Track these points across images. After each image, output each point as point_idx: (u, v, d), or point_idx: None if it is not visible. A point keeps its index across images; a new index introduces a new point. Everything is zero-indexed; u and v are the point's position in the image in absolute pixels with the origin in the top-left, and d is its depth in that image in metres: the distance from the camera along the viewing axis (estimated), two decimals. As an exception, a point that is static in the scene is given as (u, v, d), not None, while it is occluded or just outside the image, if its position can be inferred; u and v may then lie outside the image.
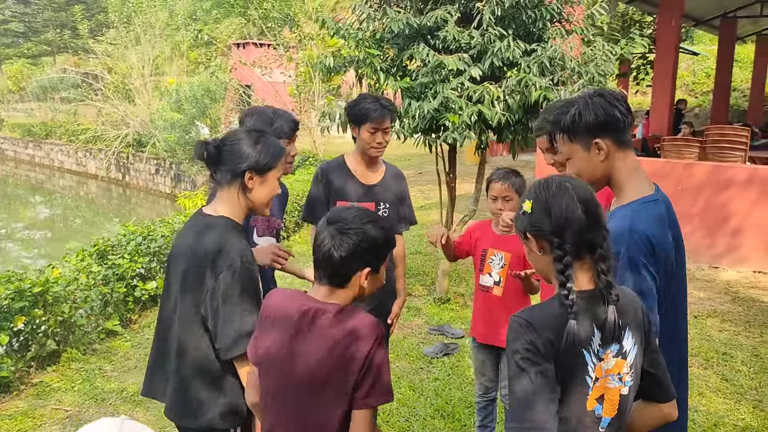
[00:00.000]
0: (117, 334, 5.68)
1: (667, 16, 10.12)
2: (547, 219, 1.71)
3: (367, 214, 1.94)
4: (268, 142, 2.30)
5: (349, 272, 1.88)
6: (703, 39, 24.20)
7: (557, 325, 1.65)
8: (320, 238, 1.89)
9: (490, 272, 3.44)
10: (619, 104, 2.07)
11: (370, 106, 3.25)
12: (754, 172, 7.30)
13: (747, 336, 5.59)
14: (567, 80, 5.18)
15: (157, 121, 18.69)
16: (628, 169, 2.14)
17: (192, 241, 2.26)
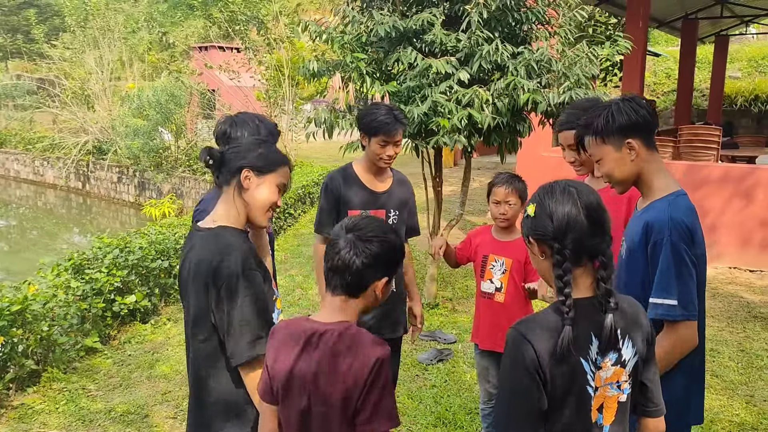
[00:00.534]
0: (97, 351, 5.48)
1: (635, 18, 10.24)
2: (549, 223, 1.70)
3: (385, 224, 1.92)
4: (271, 147, 2.27)
5: (367, 281, 1.84)
6: (659, 40, 24.69)
7: (553, 335, 1.65)
8: (338, 245, 1.83)
9: (491, 278, 3.42)
10: (647, 107, 2.18)
11: (384, 119, 3.17)
12: (728, 171, 7.44)
13: (731, 332, 5.67)
14: (554, 83, 5.18)
15: (118, 127, 18.25)
16: (656, 168, 2.24)
17: (194, 262, 2.15)
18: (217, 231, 2.16)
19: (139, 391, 4.78)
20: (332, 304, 1.87)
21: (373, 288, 1.86)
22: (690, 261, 2.09)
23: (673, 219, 2.10)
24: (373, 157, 3.25)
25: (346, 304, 1.86)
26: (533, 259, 1.82)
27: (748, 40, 22.64)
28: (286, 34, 13.98)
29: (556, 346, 1.64)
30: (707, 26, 15.36)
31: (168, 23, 31.22)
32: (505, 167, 8.74)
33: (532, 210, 1.74)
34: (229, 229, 2.16)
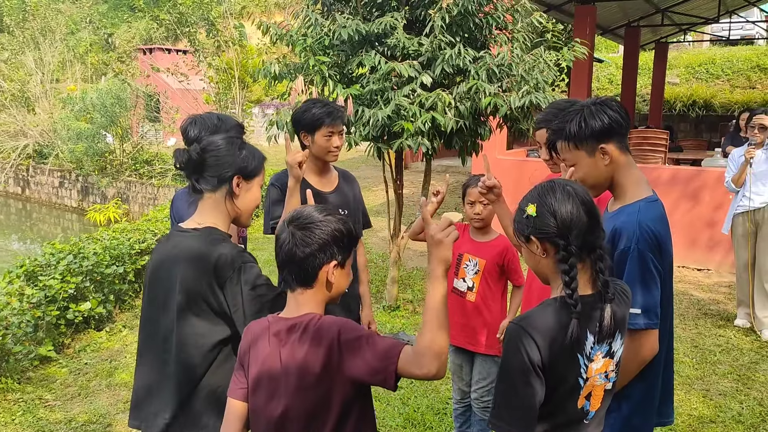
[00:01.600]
0: (51, 360, 5.31)
1: (582, 25, 10.53)
2: (553, 221, 1.74)
3: (325, 209, 1.90)
4: (251, 149, 2.26)
5: (314, 267, 1.82)
6: (600, 47, 25.40)
7: (555, 330, 1.70)
8: (281, 239, 1.85)
9: (464, 277, 3.48)
10: (620, 111, 2.14)
11: (323, 111, 3.16)
12: (676, 173, 7.71)
13: (684, 328, 5.87)
14: (514, 86, 5.28)
15: (60, 130, 17.70)
16: (631, 172, 2.21)
17: (185, 257, 2.13)
18: (209, 230, 2.17)
19: (100, 400, 4.65)
20: (293, 299, 1.87)
21: (324, 274, 1.83)
22: (655, 269, 2.08)
23: (641, 227, 2.08)
24: (321, 151, 3.21)
25: (304, 296, 1.86)
26: (530, 258, 1.85)
27: (685, 48, 23.50)
28: (236, 37, 13.81)
29: (556, 341, 1.69)
30: (648, 33, 15.89)
31: (109, 24, 30.46)
32: (464, 170, 8.85)
33: (533, 209, 1.77)
34: (220, 233, 2.19)
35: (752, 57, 20.57)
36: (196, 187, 2.21)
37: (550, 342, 1.69)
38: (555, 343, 1.69)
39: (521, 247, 1.89)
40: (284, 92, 5.57)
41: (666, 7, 13.24)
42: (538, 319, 1.73)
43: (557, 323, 1.71)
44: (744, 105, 17.56)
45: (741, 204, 5.68)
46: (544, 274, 1.84)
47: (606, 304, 1.76)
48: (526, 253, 1.85)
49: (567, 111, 2.23)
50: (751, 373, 4.93)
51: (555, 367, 1.70)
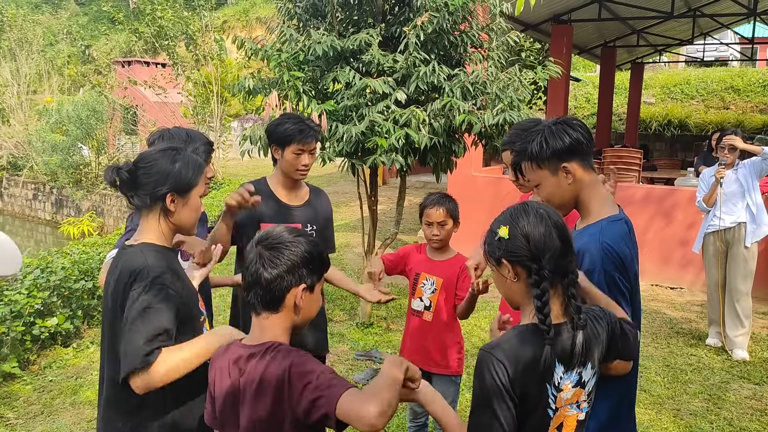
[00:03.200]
0: (15, 377, 5.18)
1: (559, 45, 10.68)
2: (526, 245, 1.71)
3: (296, 230, 1.84)
4: (186, 159, 2.16)
5: (282, 290, 1.75)
6: (577, 66, 25.73)
7: (525, 357, 1.67)
8: (249, 259, 1.78)
9: (421, 297, 3.46)
10: (581, 129, 2.13)
11: (295, 127, 3.12)
12: (650, 191, 7.78)
13: (656, 347, 5.89)
14: (488, 104, 5.29)
15: (35, 142, 17.49)
16: (594, 191, 2.19)
17: (114, 277, 2.11)
18: (140, 247, 2.12)
19: (63, 418, 4.54)
20: (257, 324, 1.81)
21: (292, 298, 1.77)
22: (625, 288, 2.08)
23: (603, 248, 2.06)
24: (288, 168, 3.17)
25: (269, 321, 1.79)
26: (501, 282, 1.80)
27: (660, 68, 23.88)
28: (215, 51, 13.77)
29: (526, 369, 1.65)
30: (624, 54, 16.13)
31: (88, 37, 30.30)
32: (438, 187, 8.87)
33: (506, 232, 1.73)
34: (152, 246, 2.12)
35: (726, 78, 20.98)
36: (131, 203, 2.16)
37: (521, 370, 1.65)
38: (525, 371, 1.65)
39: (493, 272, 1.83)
40: (259, 107, 5.54)
41: (641, 29, 13.47)
42: (508, 345, 1.69)
43: (528, 350, 1.67)
44: (718, 125, 17.86)
45: (712, 223, 5.72)
46: (514, 299, 1.80)
47: (577, 331, 1.72)
48: (497, 276, 1.80)
49: (529, 131, 2.21)
50: (721, 392, 4.94)
51: (524, 397, 1.66)
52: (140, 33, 14.76)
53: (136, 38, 15.79)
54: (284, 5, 5.68)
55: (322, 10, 5.62)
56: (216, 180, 13.81)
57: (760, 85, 20.38)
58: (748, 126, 17.78)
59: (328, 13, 5.52)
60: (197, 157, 2.24)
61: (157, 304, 1.99)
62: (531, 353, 1.67)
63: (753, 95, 20.21)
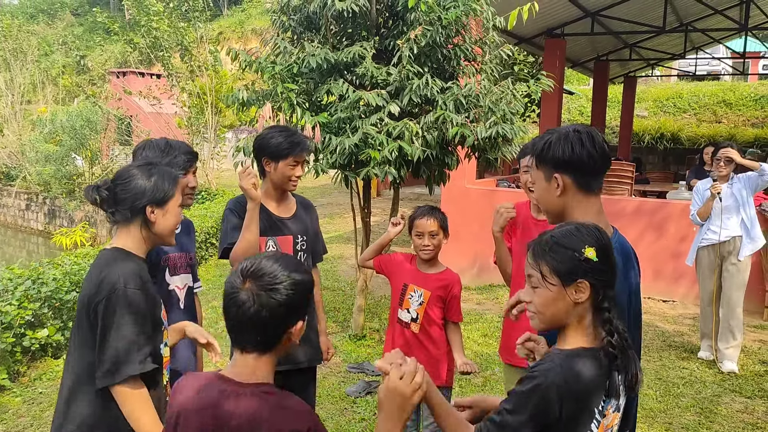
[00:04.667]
0: (5, 388, 5.15)
1: (552, 58, 10.74)
2: (608, 269, 1.69)
3: (287, 260, 1.70)
4: (161, 172, 2.28)
5: (280, 333, 1.64)
6: (570, 79, 25.88)
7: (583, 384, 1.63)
8: (239, 299, 1.60)
9: (409, 308, 3.46)
10: (592, 148, 2.00)
11: (291, 140, 3.12)
12: (641, 204, 7.81)
13: (648, 360, 5.89)
14: (481, 117, 5.32)
15: (28, 152, 17.45)
16: (587, 212, 2.06)
17: (86, 279, 2.22)
18: (111, 252, 2.22)
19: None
20: (244, 362, 1.66)
21: (288, 336, 1.66)
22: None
23: None
24: (282, 180, 3.17)
25: (259, 361, 1.65)
26: (560, 301, 1.70)
27: (653, 82, 24.05)
28: (210, 62, 13.81)
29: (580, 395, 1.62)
30: (617, 67, 16.24)
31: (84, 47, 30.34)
32: (432, 199, 8.89)
33: (594, 253, 1.66)
34: (123, 252, 2.21)
35: (718, 92, 21.13)
36: (112, 219, 2.26)
37: (575, 397, 1.60)
38: (578, 398, 1.61)
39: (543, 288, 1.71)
40: (253, 118, 5.55)
41: (634, 43, 13.57)
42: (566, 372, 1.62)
43: (582, 377, 1.62)
44: (710, 138, 17.96)
45: (706, 237, 5.72)
46: (562, 321, 1.71)
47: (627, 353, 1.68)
48: (554, 295, 1.69)
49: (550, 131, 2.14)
50: (713, 406, 4.94)
51: (569, 420, 1.62)
52: (135, 44, 14.78)
53: (131, 49, 15.81)
54: (278, 18, 5.71)
55: (316, 23, 5.66)
56: (210, 191, 13.80)
57: (752, 99, 20.54)
58: (740, 139, 17.90)
59: (322, 26, 5.56)
60: (171, 169, 2.36)
61: (132, 314, 2.08)
62: (586, 378, 1.62)
63: (745, 109, 20.37)
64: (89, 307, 2.11)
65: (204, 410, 1.63)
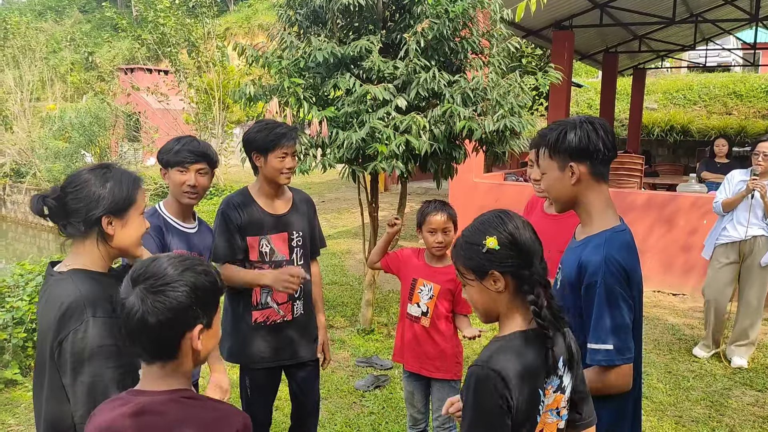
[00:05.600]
0: (17, 383, 5.19)
1: (560, 51, 10.68)
2: (517, 253, 1.70)
3: (181, 260, 1.56)
4: (118, 176, 1.98)
5: (175, 339, 1.52)
6: (579, 72, 25.73)
7: (522, 367, 1.65)
8: (126, 305, 1.50)
9: (419, 302, 3.46)
10: (606, 137, 2.10)
11: (277, 131, 3.10)
12: (651, 197, 7.76)
13: (658, 354, 5.86)
14: (488, 111, 5.29)
15: (38, 149, 17.54)
16: (599, 200, 2.18)
17: (41, 308, 1.93)
18: (68, 276, 1.90)
19: (63, 426, 4.54)
20: (151, 373, 1.56)
21: (188, 342, 1.54)
22: (625, 302, 2.05)
23: (607, 260, 2.04)
24: (274, 173, 3.13)
25: (165, 369, 1.55)
26: (482, 295, 1.75)
27: (663, 74, 23.89)
28: (217, 58, 13.82)
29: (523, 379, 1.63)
30: (626, 59, 16.13)
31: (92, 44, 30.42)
32: (439, 193, 8.87)
33: (495, 243, 1.69)
34: (81, 274, 1.91)
35: (728, 83, 20.97)
36: (64, 233, 1.96)
37: (519, 381, 1.63)
38: (523, 381, 1.63)
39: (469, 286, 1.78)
40: (260, 113, 5.55)
41: (643, 34, 13.47)
42: (503, 357, 1.65)
43: (522, 359, 1.65)
44: (721, 130, 17.84)
45: (726, 234, 5.44)
46: (495, 311, 1.75)
47: (561, 333, 1.71)
48: (477, 290, 1.74)
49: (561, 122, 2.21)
50: (723, 399, 4.92)
51: (521, 407, 1.64)
52: (143, 40, 14.81)
53: (138, 45, 15.84)
54: (285, 12, 5.70)
55: (322, 17, 5.64)
56: (218, 186, 13.82)
57: (763, 91, 20.37)
58: (750, 131, 17.78)
59: (329, 20, 5.54)
60: (131, 172, 2.08)
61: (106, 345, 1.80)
62: (526, 362, 1.65)
63: (755, 101, 20.21)
64: (52, 345, 1.82)
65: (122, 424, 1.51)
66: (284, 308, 3.25)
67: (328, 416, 4.56)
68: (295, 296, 3.25)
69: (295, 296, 3.25)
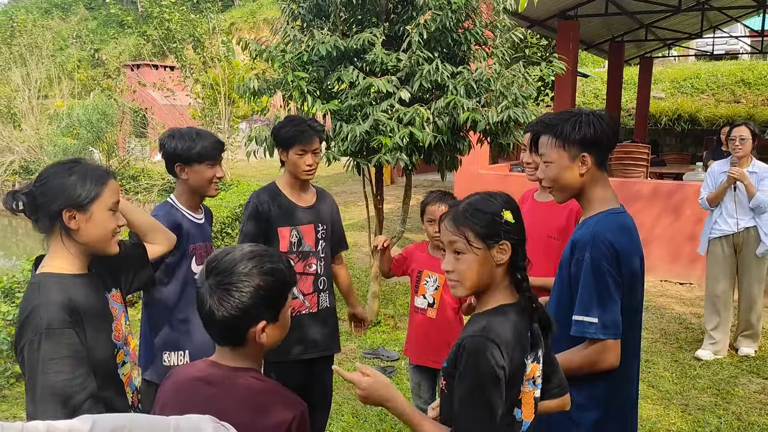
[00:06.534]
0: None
1: (565, 41, 10.63)
2: (522, 227, 1.81)
3: (252, 256, 1.61)
4: (83, 170, 1.95)
5: (240, 331, 1.60)
6: (586, 62, 25.60)
7: (513, 337, 1.72)
8: (200, 294, 1.60)
9: (425, 294, 3.48)
10: (613, 127, 2.18)
11: (298, 128, 3.20)
12: (657, 187, 7.75)
13: (664, 343, 5.87)
14: (492, 102, 5.30)
15: (46, 146, 17.63)
16: (601, 188, 2.24)
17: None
18: (40, 280, 1.91)
19: (74, 419, 4.59)
20: (223, 352, 1.67)
21: (253, 335, 1.61)
22: (612, 279, 2.08)
23: (595, 236, 2.10)
24: (294, 169, 3.24)
25: (236, 353, 1.66)
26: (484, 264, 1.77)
27: (670, 62, 23.75)
28: (222, 53, 13.85)
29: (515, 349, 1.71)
30: (633, 49, 16.03)
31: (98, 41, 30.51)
32: (444, 185, 8.87)
33: (511, 216, 1.77)
34: (49, 278, 1.91)
35: (736, 71, 20.81)
36: (36, 227, 1.95)
37: (512, 350, 1.70)
38: (515, 350, 1.70)
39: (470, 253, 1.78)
40: (264, 107, 5.58)
41: (650, 23, 13.38)
42: (496, 327, 1.72)
43: (513, 329, 1.72)
44: (729, 119, 17.72)
45: (718, 228, 5.38)
46: (485, 283, 1.80)
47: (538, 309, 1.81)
48: (479, 259, 1.76)
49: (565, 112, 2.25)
50: (730, 387, 4.92)
51: (511, 375, 1.70)
52: (148, 36, 14.85)
53: (144, 41, 15.89)
54: (288, 6, 5.72)
55: (325, 10, 5.65)
56: (225, 181, 13.86)
57: (771, 78, 20.21)
58: (759, 119, 17.64)
59: (332, 13, 5.55)
60: (99, 166, 2.05)
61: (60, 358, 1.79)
62: (516, 331, 1.73)
63: (764, 88, 20.05)
64: (16, 350, 1.84)
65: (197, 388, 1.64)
66: (310, 299, 3.31)
67: (335, 407, 4.59)
68: (320, 288, 3.32)
69: (320, 288, 3.32)
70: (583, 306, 2.09)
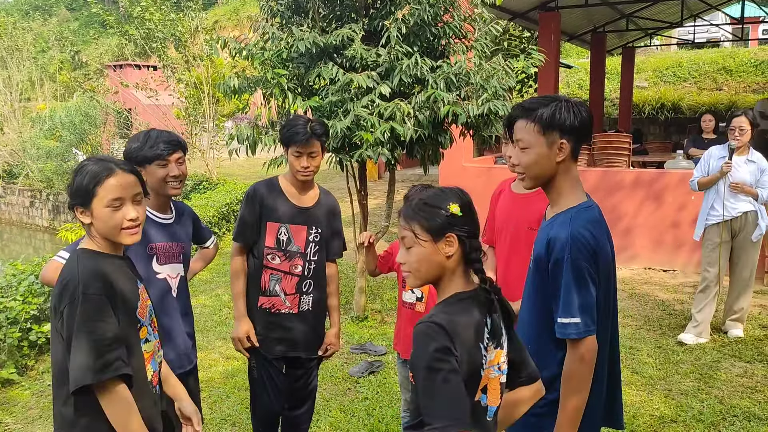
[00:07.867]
0: (14, 382, 5.23)
1: (547, 32, 10.66)
2: (471, 222, 1.82)
3: None
4: (86, 170, 2.11)
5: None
6: (570, 53, 25.68)
7: (463, 323, 1.75)
8: None
9: (413, 288, 3.47)
10: (589, 119, 2.17)
11: (297, 130, 3.16)
12: (639, 176, 7.81)
13: (648, 329, 5.93)
14: (473, 95, 5.32)
15: (29, 150, 17.50)
16: (571, 178, 2.22)
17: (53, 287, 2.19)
18: (77, 253, 2.14)
19: (61, 422, 4.58)
20: None
21: None
22: (591, 277, 2.10)
23: (573, 236, 2.09)
24: (291, 169, 3.25)
25: None
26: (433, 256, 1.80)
27: (652, 52, 23.86)
28: (205, 52, 13.79)
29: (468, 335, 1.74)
30: (615, 39, 16.10)
31: (80, 42, 30.31)
32: (429, 179, 8.89)
33: (458, 209, 1.79)
34: (86, 252, 2.14)
35: (718, 59, 20.95)
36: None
37: (460, 333, 1.72)
38: (463, 335, 1.72)
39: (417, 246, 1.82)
40: (244, 106, 5.57)
41: (630, 13, 13.44)
42: (443, 315, 1.75)
43: (463, 317, 1.76)
44: (711, 106, 17.86)
45: (715, 213, 5.43)
46: (436, 274, 1.83)
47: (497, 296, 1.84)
48: (427, 251, 1.80)
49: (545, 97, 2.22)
50: (712, 371, 4.98)
51: (464, 359, 1.72)
52: (130, 36, 14.75)
53: (126, 41, 15.79)
54: (267, 3, 5.71)
55: (304, 7, 5.65)
56: (211, 180, 13.83)
57: (752, 65, 20.35)
58: (741, 106, 17.76)
59: (310, 10, 5.55)
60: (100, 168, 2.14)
61: (94, 315, 2.01)
62: (466, 317, 1.76)
63: (745, 75, 20.19)
64: (55, 314, 2.07)
65: None
66: (291, 299, 3.29)
67: (322, 403, 4.62)
68: (304, 290, 3.31)
69: (304, 290, 3.31)
70: (568, 308, 2.10)
